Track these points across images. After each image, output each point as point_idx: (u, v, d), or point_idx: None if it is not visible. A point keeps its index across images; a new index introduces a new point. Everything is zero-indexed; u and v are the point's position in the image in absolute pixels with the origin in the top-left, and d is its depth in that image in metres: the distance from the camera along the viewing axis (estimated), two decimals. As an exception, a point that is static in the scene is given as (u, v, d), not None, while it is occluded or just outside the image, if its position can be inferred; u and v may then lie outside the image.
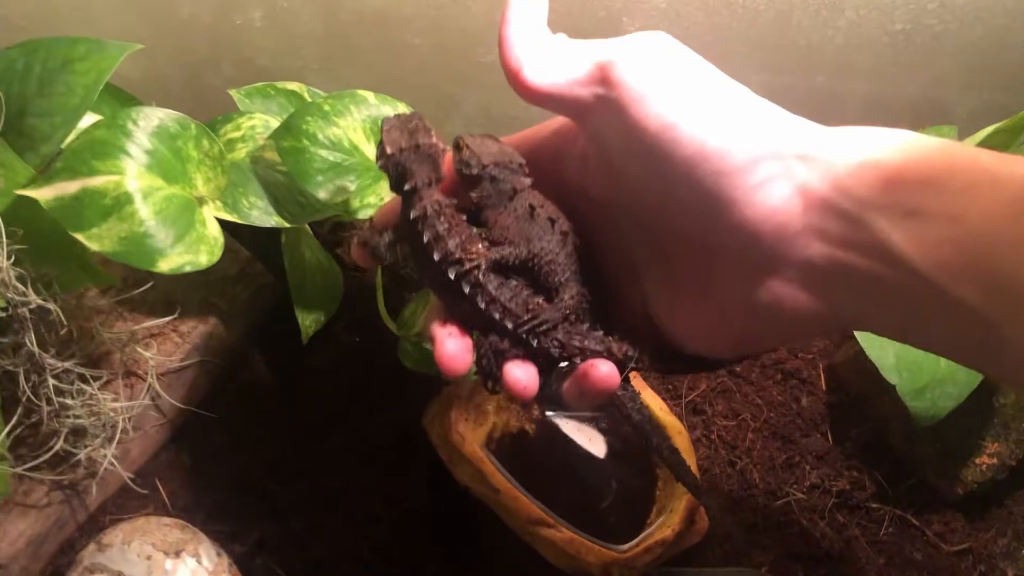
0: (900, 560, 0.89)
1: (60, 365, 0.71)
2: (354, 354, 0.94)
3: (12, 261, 0.63)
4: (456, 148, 0.52)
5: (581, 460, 0.86)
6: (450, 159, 0.52)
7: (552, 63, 0.45)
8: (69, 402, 0.73)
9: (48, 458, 0.74)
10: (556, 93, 0.45)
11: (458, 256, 0.48)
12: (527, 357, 0.49)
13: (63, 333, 0.72)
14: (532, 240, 0.49)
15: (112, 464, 0.77)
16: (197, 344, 0.85)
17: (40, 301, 0.66)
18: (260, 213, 0.75)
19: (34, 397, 0.71)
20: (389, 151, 0.50)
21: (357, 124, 0.74)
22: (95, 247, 0.64)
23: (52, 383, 0.71)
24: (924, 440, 0.90)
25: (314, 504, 0.86)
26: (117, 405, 0.76)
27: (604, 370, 0.47)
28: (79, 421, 0.74)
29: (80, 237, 0.64)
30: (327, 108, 0.73)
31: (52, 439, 0.74)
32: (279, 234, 0.82)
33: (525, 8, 0.46)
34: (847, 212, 0.39)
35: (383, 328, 0.94)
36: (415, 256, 0.51)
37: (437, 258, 0.48)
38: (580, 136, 0.50)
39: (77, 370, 0.72)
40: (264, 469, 0.87)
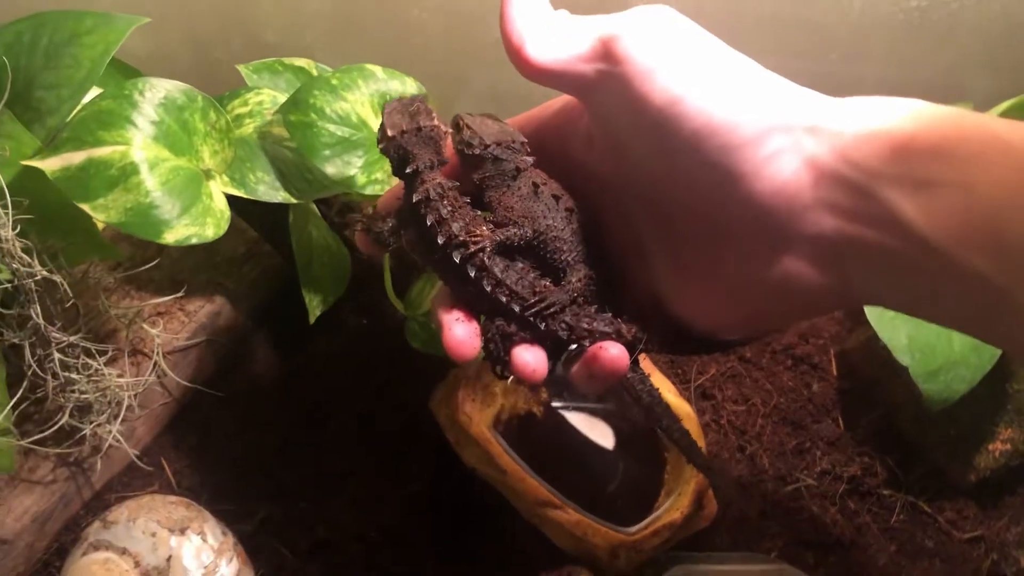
0: (911, 547, 0.88)
1: (66, 339, 0.70)
2: (361, 336, 0.93)
3: (17, 232, 0.63)
4: (456, 128, 0.51)
5: (588, 443, 0.86)
6: (451, 146, 0.52)
7: (554, 40, 0.44)
8: (75, 377, 0.73)
9: (53, 433, 0.73)
10: (559, 70, 0.44)
11: (462, 239, 0.48)
12: (535, 340, 0.49)
13: (69, 308, 0.72)
14: (537, 219, 0.49)
15: (117, 441, 0.77)
16: (203, 323, 0.85)
17: (46, 273, 0.66)
18: (267, 188, 0.75)
19: (40, 371, 0.71)
20: (390, 133, 0.50)
21: (365, 99, 0.73)
22: (101, 217, 0.64)
23: (58, 357, 0.71)
24: (936, 426, 0.89)
25: (320, 485, 0.86)
26: (123, 381, 0.76)
27: (613, 352, 0.47)
28: (85, 396, 0.74)
29: (86, 207, 0.64)
30: (335, 82, 0.73)
31: (57, 414, 0.74)
32: (287, 215, 0.82)
33: None
34: (857, 184, 0.39)
35: (390, 310, 0.93)
36: (419, 241, 0.51)
37: (441, 242, 0.48)
38: (584, 114, 0.49)
39: (83, 344, 0.72)
40: (270, 449, 0.87)
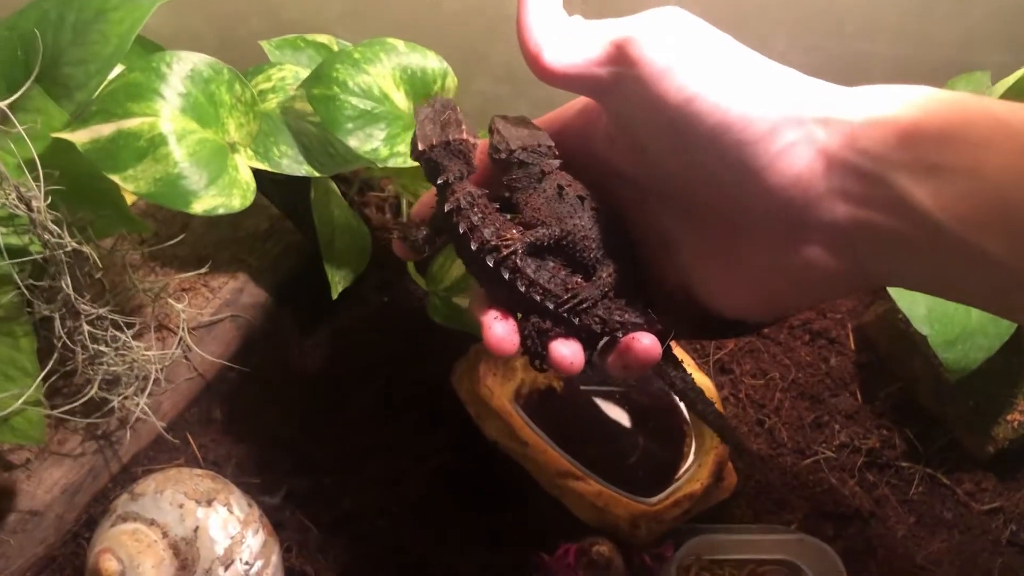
0: (930, 519, 0.89)
1: (95, 311, 0.71)
2: (383, 312, 0.94)
3: (48, 203, 0.64)
4: (489, 132, 0.53)
5: (608, 415, 0.86)
6: (485, 145, 0.53)
7: (570, 45, 0.45)
8: (103, 349, 0.74)
9: (82, 406, 0.75)
10: (576, 74, 0.45)
11: (494, 243, 0.49)
12: (570, 334, 0.51)
13: (95, 283, 0.73)
14: (564, 219, 0.50)
15: (145, 414, 0.78)
16: (227, 299, 0.86)
17: (75, 244, 0.67)
18: (290, 162, 0.76)
19: (69, 343, 0.72)
20: (421, 147, 0.52)
21: (387, 72, 0.74)
22: (130, 188, 0.65)
23: (87, 329, 0.72)
24: (955, 398, 0.89)
25: (343, 459, 0.87)
26: (150, 355, 0.77)
27: (646, 342, 0.49)
28: (113, 369, 0.75)
29: (116, 178, 0.64)
30: (357, 56, 0.74)
31: (86, 387, 0.75)
32: (307, 192, 0.83)
33: None
34: (867, 171, 0.40)
35: (411, 288, 0.94)
36: (455, 247, 0.52)
37: (474, 248, 0.50)
38: (603, 115, 0.50)
39: (111, 317, 0.73)
40: (293, 424, 0.88)
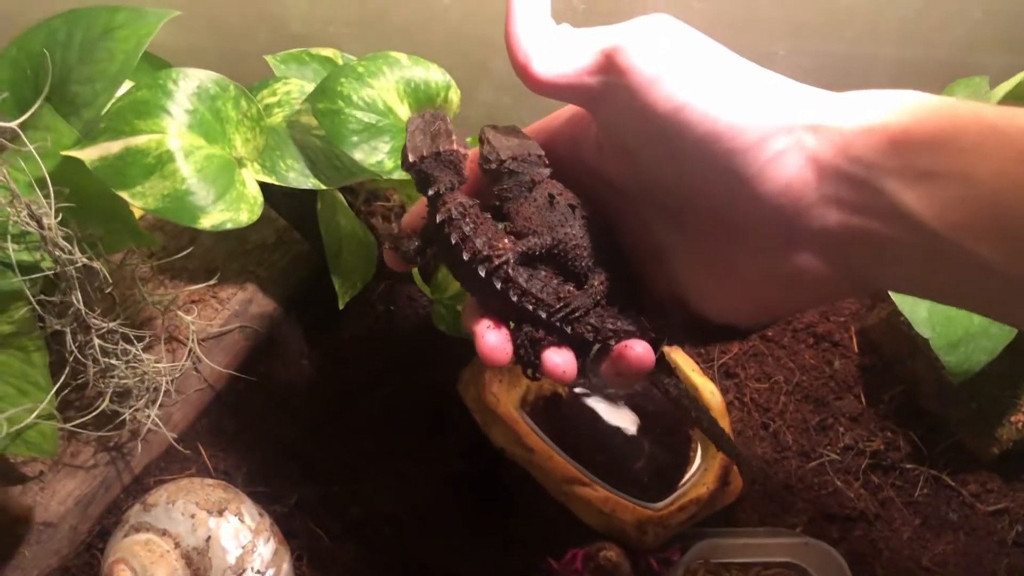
0: (936, 521, 0.89)
1: (105, 325, 0.72)
2: (389, 320, 0.95)
3: (59, 220, 0.65)
4: (479, 142, 0.53)
5: (614, 422, 0.87)
6: (475, 155, 0.54)
7: (559, 54, 0.46)
8: (114, 362, 0.75)
9: (94, 418, 0.75)
10: (565, 83, 0.46)
11: (486, 254, 0.50)
12: (563, 342, 0.51)
13: (106, 296, 0.74)
14: (555, 228, 0.50)
15: (156, 425, 0.79)
16: (236, 310, 0.87)
17: (86, 260, 0.68)
18: (297, 175, 0.77)
19: (81, 357, 0.73)
20: (411, 159, 0.52)
21: (391, 85, 0.75)
22: (139, 204, 0.65)
23: (98, 343, 0.73)
24: (958, 400, 0.89)
25: (352, 467, 0.87)
26: (160, 367, 0.78)
27: (639, 350, 0.49)
28: (124, 382, 0.76)
29: (124, 195, 0.65)
30: (361, 70, 0.74)
31: (98, 400, 0.76)
32: (314, 204, 0.84)
33: (529, 1, 0.47)
34: (859, 178, 0.40)
35: (417, 294, 0.95)
36: (446, 257, 0.53)
37: (466, 258, 0.50)
38: (593, 123, 0.51)
39: (121, 330, 0.74)
40: (303, 433, 0.89)
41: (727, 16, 0.87)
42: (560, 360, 0.50)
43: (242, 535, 0.76)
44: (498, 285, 0.50)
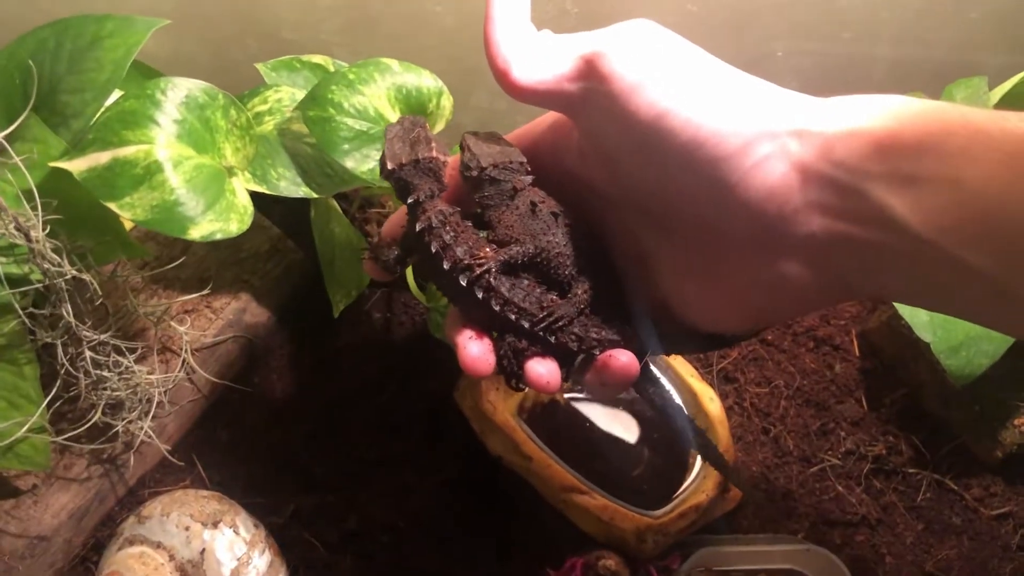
0: (939, 525, 0.88)
1: (96, 337, 0.72)
2: (384, 329, 0.94)
3: (47, 232, 0.64)
4: (460, 149, 0.52)
5: (612, 429, 0.86)
6: (456, 161, 0.53)
7: (539, 60, 0.45)
8: (106, 374, 0.74)
9: (87, 431, 0.75)
10: (545, 90, 0.45)
11: (467, 262, 0.49)
12: (546, 352, 0.50)
13: (98, 307, 0.74)
14: (537, 236, 0.49)
15: (149, 437, 0.78)
16: (230, 320, 0.86)
17: (75, 272, 0.67)
18: (288, 184, 0.76)
19: (72, 369, 0.72)
20: (390, 167, 0.51)
21: (382, 92, 0.74)
22: (128, 216, 0.65)
23: (89, 355, 0.72)
24: (960, 403, 0.88)
25: (348, 476, 0.87)
26: (153, 378, 0.78)
27: (623, 360, 0.48)
28: (116, 394, 0.76)
29: (113, 206, 0.65)
30: (352, 77, 0.74)
31: (90, 412, 0.75)
32: (308, 211, 0.83)
33: (508, 5, 0.46)
34: (844, 184, 0.39)
35: (412, 302, 0.95)
36: (426, 266, 0.52)
37: (447, 267, 0.49)
38: (575, 130, 0.50)
39: (113, 342, 0.73)
40: (298, 443, 0.88)
41: (724, 18, 0.87)
42: (544, 370, 0.49)
43: (237, 547, 0.76)
44: (480, 294, 0.49)
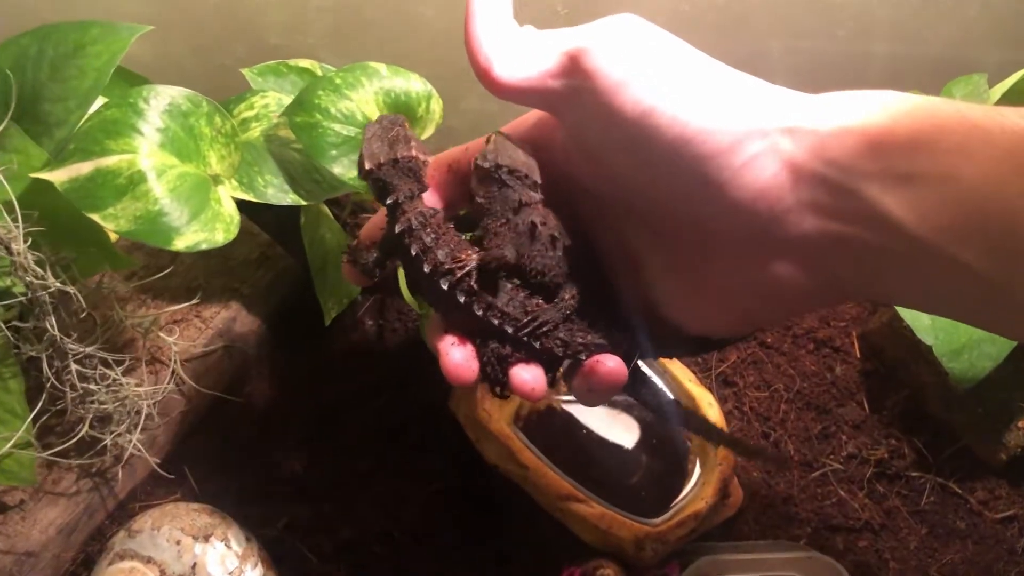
0: (943, 530, 0.87)
1: (82, 350, 0.71)
2: (377, 336, 0.93)
3: (29, 244, 0.63)
4: (486, 140, 0.50)
5: (610, 435, 0.85)
6: (438, 160, 0.52)
7: (522, 57, 0.44)
8: (92, 387, 0.73)
9: (75, 444, 0.74)
10: (528, 87, 0.44)
11: (448, 266, 0.47)
12: (531, 358, 0.48)
13: (85, 319, 0.72)
14: (532, 259, 0.47)
15: (138, 450, 0.77)
16: (220, 329, 0.85)
17: (59, 285, 0.66)
18: (276, 191, 0.75)
19: (58, 383, 0.71)
20: (368, 166, 0.49)
21: (370, 97, 0.73)
22: (111, 227, 0.64)
23: (75, 368, 0.71)
24: (964, 405, 0.87)
25: (342, 487, 0.86)
26: (141, 390, 0.76)
27: (610, 365, 0.47)
28: (104, 407, 0.74)
29: (96, 217, 0.63)
30: (339, 81, 0.72)
31: (78, 426, 0.74)
32: (298, 217, 0.82)
33: (490, 1, 0.45)
34: (837, 182, 0.38)
35: (406, 310, 0.93)
36: (407, 270, 0.50)
37: (428, 270, 0.47)
38: (559, 128, 0.48)
39: (99, 355, 0.72)
40: (291, 453, 0.87)
41: (716, 16, 0.85)
42: (528, 376, 0.47)
43: (229, 561, 0.75)
44: (462, 298, 0.47)
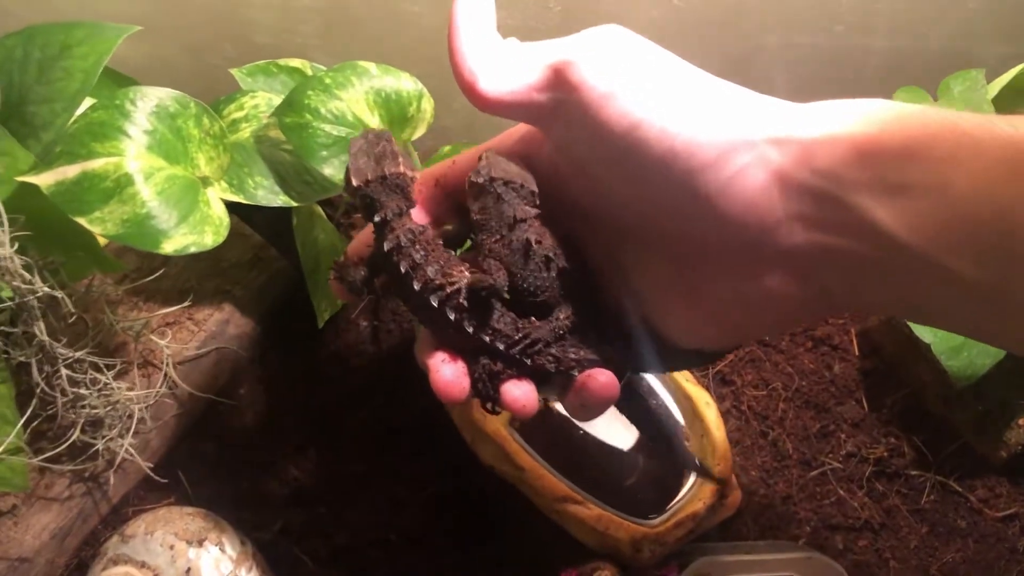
0: (943, 528, 0.86)
1: (72, 355, 0.70)
2: (372, 337, 0.92)
3: (16, 249, 0.62)
4: (479, 158, 0.49)
5: (607, 436, 0.84)
6: (425, 175, 0.51)
7: (506, 70, 0.43)
8: (83, 392, 0.72)
9: (67, 449, 0.73)
10: (513, 101, 0.43)
11: (439, 282, 0.47)
12: (522, 374, 0.48)
13: (75, 323, 0.72)
14: (527, 278, 0.47)
15: (130, 454, 0.76)
16: (213, 332, 0.84)
17: (47, 289, 0.65)
18: (266, 192, 0.74)
19: (48, 388, 0.70)
20: (355, 183, 0.49)
21: (360, 96, 0.72)
22: (98, 231, 0.63)
23: (65, 373, 0.70)
24: (964, 403, 0.86)
25: (337, 490, 0.85)
26: (132, 394, 0.76)
27: (602, 380, 0.46)
28: (95, 411, 0.74)
29: (83, 221, 0.63)
30: (328, 81, 0.72)
31: (69, 431, 0.73)
32: (291, 218, 0.81)
33: (473, 14, 0.44)
34: (826, 193, 0.38)
35: (401, 311, 0.92)
36: (395, 287, 0.50)
37: (417, 287, 0.47)
38: (546, 142, 0.48)
39: (90, 359, 0.71)
40: (285, 456, 0.86)
41: (712, 12, 0.84)
42: (520, 393, 0.47)
43: (223, 565, 0.74)
44: (452, 316, 0.46)
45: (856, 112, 0.38)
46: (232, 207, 0.73)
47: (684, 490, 0.81)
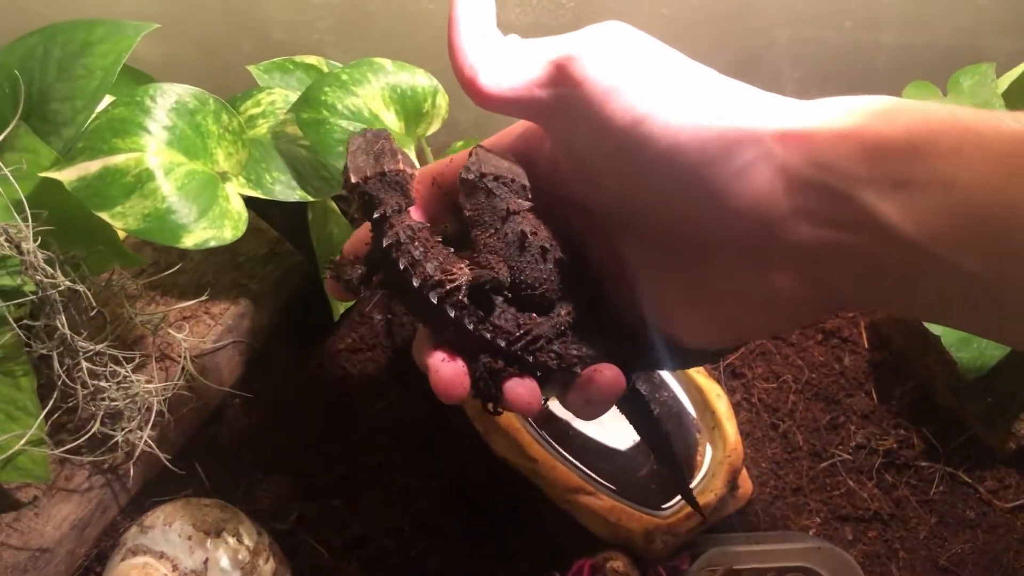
0: (952, 519, 0.87)
1: (92, 348, 0.71)
2: (385, 330, 0.93)
3: (39, 243, 0.64)
4: (468, 155, 0.50)
5: (618, 426, 0.85)
6: (423, 173, 0.51)
7: (507, 67, 0.43)
8: (103, 384, 0.73)
9: (87, 441, 0.74)
10: (514, 97, 0.43)
11: (438, 279, 0.46)
12: (524, 372, 0.47)
13: (95, 316, 0.73)
14: (522, 270, 0.47)
15: (149, 446, 0.77)
16: (229, 325, 0.85)
17: (69, 283, 0.66)
18: (283, 188, 0.75)
19: (69, 380, 0.71)
20: (354, 180, 0.49)
21: (376, 93, 0.73)
22: (119, 225, 0.64)
23: (86, 366, 0.71)
24: (973, 395, 0.87)
25: (352, 481, 0.86)
26: (151, 387, 0.77)
27: (609, 374, 0.46)
28: (115, 404, 0.75)
29: (104, 216, 0.64)
30: (345, 78, 0.72)
31: (89, 423, 0.74)
32: (306, 213, 0.82)
33: (473, 10, 0.45)
34: (832, 189, 0.38)
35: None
36: (393, 285, 0.49)
37: (416, 284, 0.47)
38: (547, 139, 0.48)
39: (110, 352, 0.72)
40: (300, 448, 0.87)
41: (722, 8, 0.85)
42: (523, 391, 0.46)
43: (241, 555, 0.75)
44: (452, 313, 0.46)
45: (861, 108, 0.38)
46: (248, 202, 0.74)
47: (696, 481, 0.82)
